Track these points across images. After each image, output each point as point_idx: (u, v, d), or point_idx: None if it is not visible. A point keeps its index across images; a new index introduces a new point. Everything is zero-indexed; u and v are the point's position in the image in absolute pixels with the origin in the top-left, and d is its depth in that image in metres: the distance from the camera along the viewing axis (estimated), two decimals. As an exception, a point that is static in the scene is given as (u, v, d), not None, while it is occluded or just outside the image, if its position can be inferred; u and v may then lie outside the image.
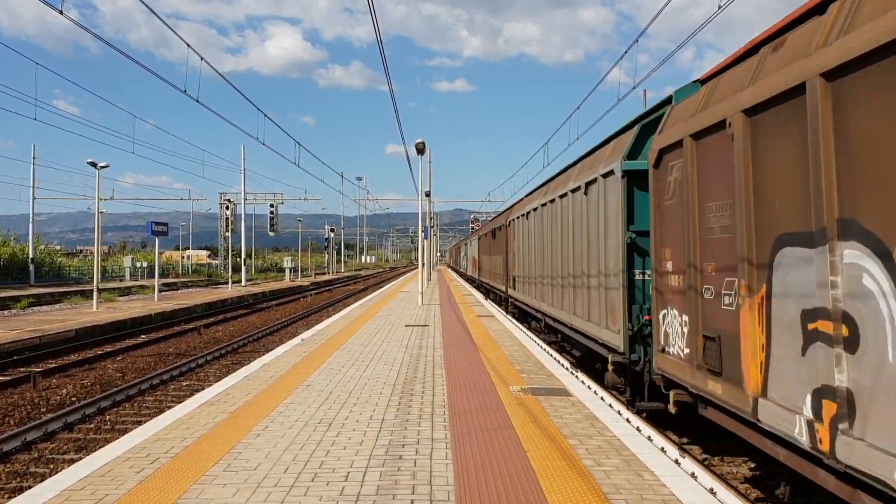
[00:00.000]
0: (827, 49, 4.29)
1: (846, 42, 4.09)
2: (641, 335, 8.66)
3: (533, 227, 17.11)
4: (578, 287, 11.60)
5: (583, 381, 9.21)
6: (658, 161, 7.34)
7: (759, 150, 5.18)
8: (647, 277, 8.48)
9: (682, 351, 6.71)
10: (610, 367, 9.47)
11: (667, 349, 7.21)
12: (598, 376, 10.72)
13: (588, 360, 12.06)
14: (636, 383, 9.12)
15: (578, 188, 11.38)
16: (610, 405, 7.71)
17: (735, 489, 6.74)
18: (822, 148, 4.28)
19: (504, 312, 21.51)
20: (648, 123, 8.95)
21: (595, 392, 8.51)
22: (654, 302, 7.62)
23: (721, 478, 7.07)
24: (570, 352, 13.77)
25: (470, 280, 46.90)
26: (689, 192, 6.47)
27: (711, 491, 4.84)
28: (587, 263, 10.92)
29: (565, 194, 12.56)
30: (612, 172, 9.42)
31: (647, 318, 8.40)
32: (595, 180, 10.31)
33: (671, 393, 7.04)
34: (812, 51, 4.48)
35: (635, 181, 8.91)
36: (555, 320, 14.01)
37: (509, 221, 22.73)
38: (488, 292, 32.64)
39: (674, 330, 6.99)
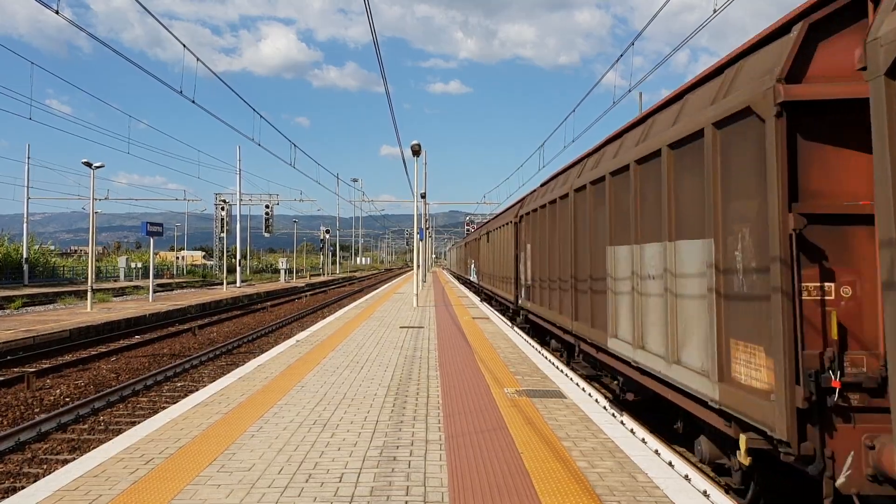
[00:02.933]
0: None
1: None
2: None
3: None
4: None
5: (577, 384, 9.22)
6: None
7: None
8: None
9: None
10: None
11: None
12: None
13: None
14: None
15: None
16: (604, 407, 7.73)
17: (728, 491, 6.77)
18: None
19: (500, 315, 21.44)
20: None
21: (590, 394, 8.52)
22: None
23: (714, 480, 7.09)
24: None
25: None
26: None
27: (705, 493, 4.87)
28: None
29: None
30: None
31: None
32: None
33: None
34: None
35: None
36: None
37: None
38: None
39: None
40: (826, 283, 4.94)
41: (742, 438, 5.32)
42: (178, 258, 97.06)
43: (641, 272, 7.87)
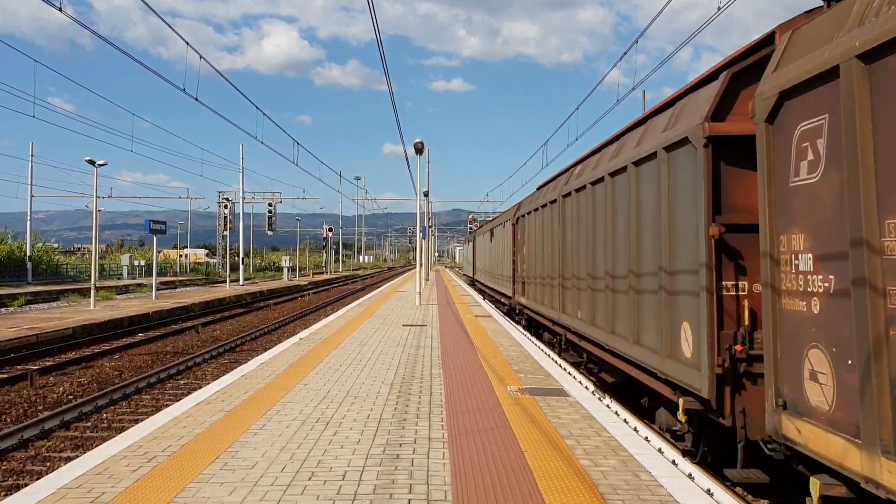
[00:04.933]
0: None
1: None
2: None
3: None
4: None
5: (580, 382, 9.22)
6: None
7: None
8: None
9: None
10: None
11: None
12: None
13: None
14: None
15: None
16: (607, 406, 7.71)
17: (732, 490, 6.75)
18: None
19: (502, 313, 21.45)
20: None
21: (592, 392, 8.51)
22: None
23: (718, 479, 7.08)
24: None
25: None
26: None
27: (708, 492, 4.85)
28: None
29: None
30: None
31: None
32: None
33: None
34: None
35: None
36: None
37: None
38: None
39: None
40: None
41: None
42: (181, 256, 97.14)
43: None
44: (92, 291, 26.32)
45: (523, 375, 9.44)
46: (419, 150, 23.61)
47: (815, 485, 4.44)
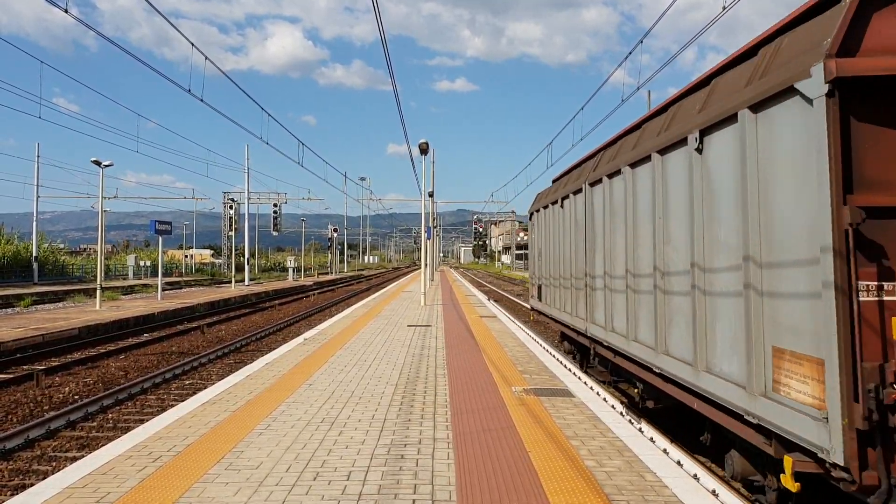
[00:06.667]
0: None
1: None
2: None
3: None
4: None
5: (585, 383, 9.20)
6: None
7: None
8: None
9: None
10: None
11: None
12: None
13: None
14: None
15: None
16: (612, 406, 7.70)
17: (737, 490, 6.72)
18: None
19: (505, 313, 21.43)
20: None
21: (598, 393, 8.50)
22: None
23: (723, 480, 7.05)
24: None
25: None
26: None
27: (713, 492, 4.84)
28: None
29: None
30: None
31: None
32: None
33: None
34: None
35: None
36: None
37: None
38: None
39: None
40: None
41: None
42: (186, 257, 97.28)
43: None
44: (97, 292, 26.40)
45: (528, 376, 9.43)
46: (424, 150, 23.60)
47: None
